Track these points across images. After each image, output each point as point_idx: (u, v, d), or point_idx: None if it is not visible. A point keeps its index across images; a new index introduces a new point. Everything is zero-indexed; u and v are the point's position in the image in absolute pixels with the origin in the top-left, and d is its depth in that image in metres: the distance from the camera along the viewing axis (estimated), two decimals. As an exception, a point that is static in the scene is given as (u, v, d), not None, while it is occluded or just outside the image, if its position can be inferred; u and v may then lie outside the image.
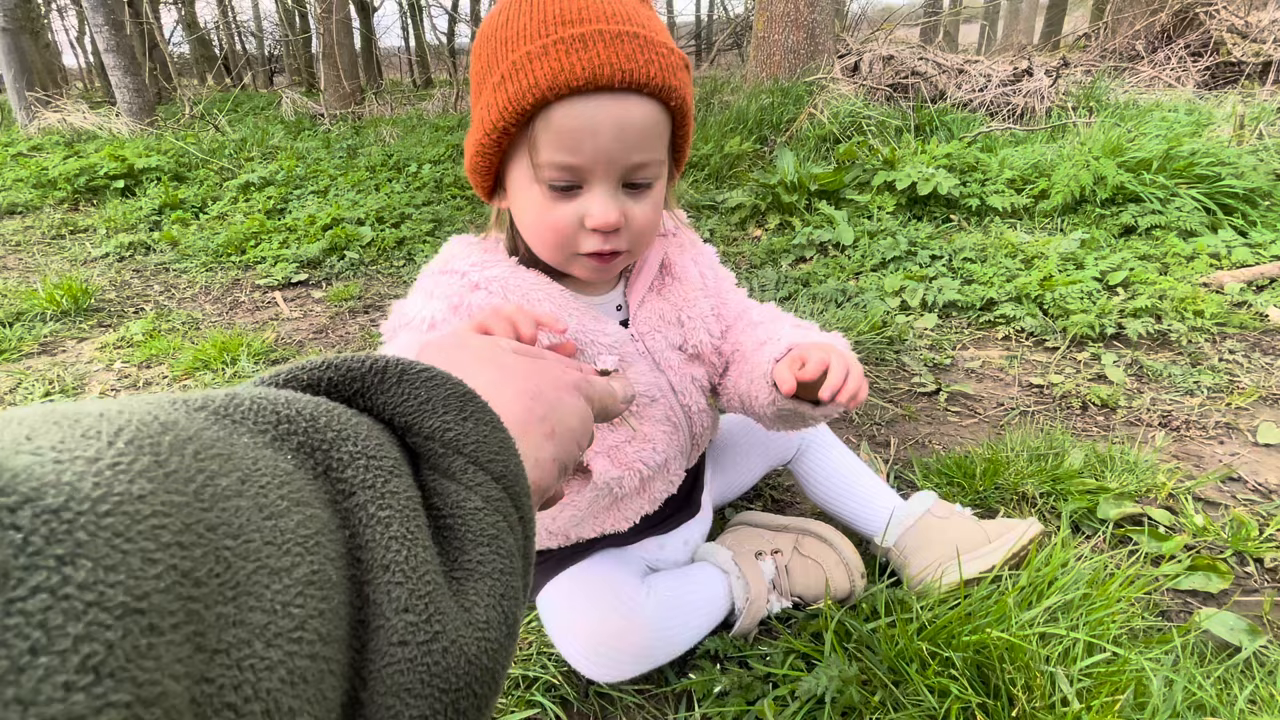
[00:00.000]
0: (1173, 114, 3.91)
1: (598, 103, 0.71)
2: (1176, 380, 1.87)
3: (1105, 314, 2.13)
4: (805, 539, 1.08)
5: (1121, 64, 5.64)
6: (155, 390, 2.01)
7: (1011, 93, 5.09)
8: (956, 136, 4.00)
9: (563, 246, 0.80)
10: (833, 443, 1.22)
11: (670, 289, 0.94)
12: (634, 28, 0.72)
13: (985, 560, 1.03)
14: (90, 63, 17.29)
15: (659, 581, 0.99)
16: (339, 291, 2.83)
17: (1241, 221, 2.76)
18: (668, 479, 0.98)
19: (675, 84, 0.74)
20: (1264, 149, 3.17)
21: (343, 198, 4.02)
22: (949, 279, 2.45)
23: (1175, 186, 2.89)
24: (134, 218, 4.11)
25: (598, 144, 0.72)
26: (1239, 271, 2.42)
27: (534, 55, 0.70)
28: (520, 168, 0.78)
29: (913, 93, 5.14)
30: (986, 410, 1.80)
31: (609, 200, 0.76)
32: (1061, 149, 3.50)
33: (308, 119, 7.47)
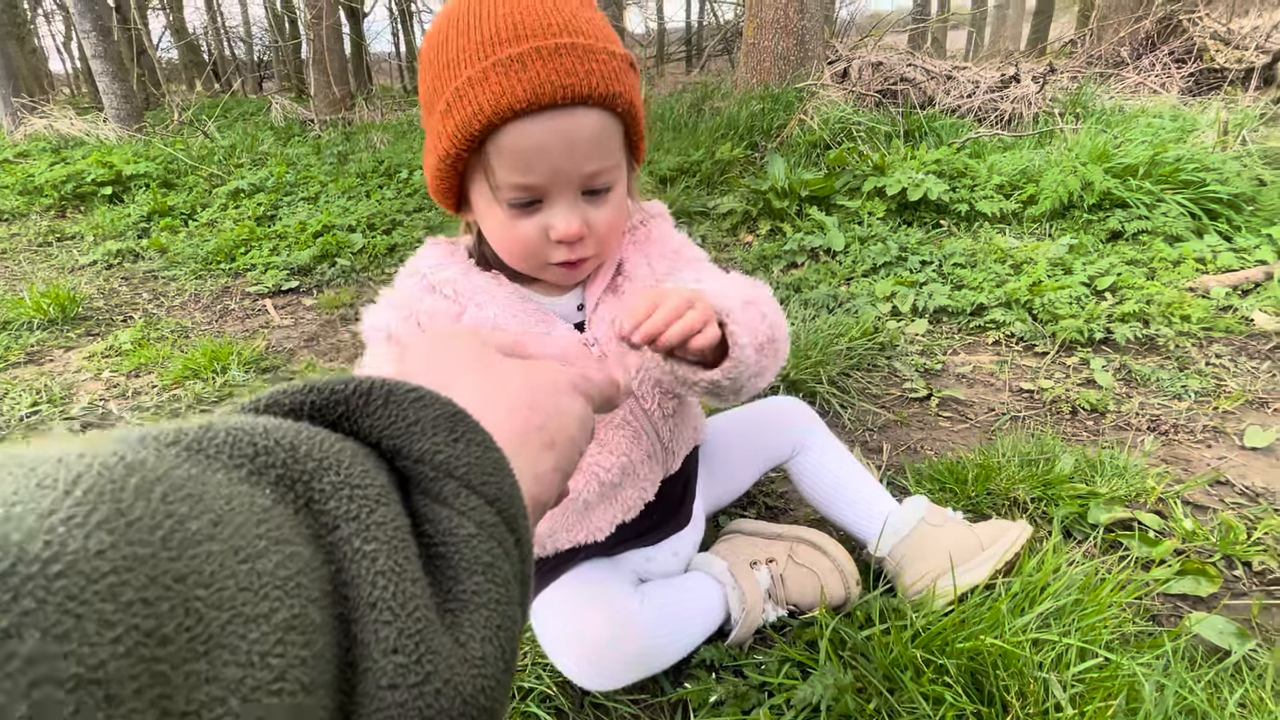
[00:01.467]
0: (1158, 120, 3.96)
1: (544, 121, 0.71)
2: (1164, 385, 1.89)
3: (1094, 319, 2.15)
4: (800, 547, 1.08)
5: (1107, 70, 5.70)
6: (144, 399, 1.99)
7: (999, 99, 5.14)
8: (945, 142, 4.03)
9: (532, 259, 0.82)
10: (830, 444, 1.22)
11: (624, 289, 0.92)
12: (571, 38, 0.71)
13: (979, 571, 1.04)
14: (77, 68, 17.19)
15: (653, 590, 0.99)
16: (330, 299, 2.82)
17: (1226, 226, 2.80)
18: (639, 485, 0.96)
19: (619, 89, 0.74)
20: (1247, 154, 3.21)
21: (333, 204, 4.01)
22: (939, 284, 2.47)
23: (1161, 192, 2.92)
24: (122, 224, 4.08)
25: (550, 161, 0.73)
26: (1224, 276, 2.45)
27: (475, 80, 0.70)
28: (479, 188, 0.79)
29: (902, 99, 5.18)
30: (978, 415, 1.81)
31: (570, 212, 0.77)
32: (1049, 155, 3.54)
33: (298, 125, 7.45)
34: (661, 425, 0.96)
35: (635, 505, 0.97)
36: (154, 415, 1.90)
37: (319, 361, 2.22)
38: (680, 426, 0.99)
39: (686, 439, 1.03)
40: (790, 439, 1.24)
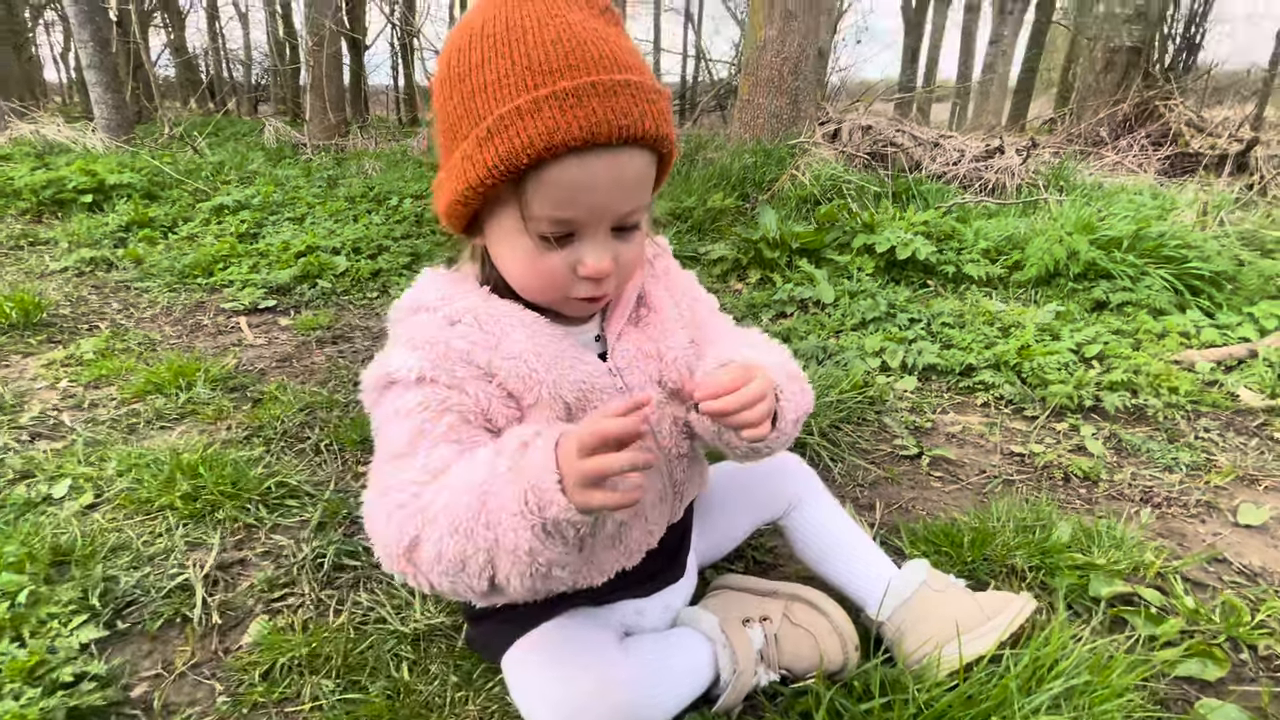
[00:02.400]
0: (1139, 197, 4.07)
1: (594, 159, 0.69)
2: (1155, 456, 1.87)
3: (1083, 385, 2.14)
4: (796, 605, 1.01)
5: (1087, 148, 5.91)
6: (101, 412, 1.88)
7: (983, 168, 5.28)
8: (932, 206, 4.10)
9: (554, 292, 0.80)
10: (826, 501, 1.17)
11: (648, 321, 0.92)
12: (624, 74, 0.70)
13: (983, 640, 0.98)
14: (72, 79, 17.13)
15: (638, 643, 0.92)
16: (307, 320, 2.73)
17: (1208, 303, 2.84)
18: (646, 528, 0.92)
19: (667, 131, 0.74)
20: (1225, 235, 3.30)
21: (319, 226, 3.94)
22: (928, 342, 2.46)
23: (1145, 265, 2.98)
24: (99, 233, 3.97)
25: (594, 199, 0.72)
26: (1208, 351, 2.47)
27: (525, 111, 0.67)
28: (506, 217, 0.75)
29: (890, 162, 5.30)
30: (969, 477, 1.77)
31: (602, 249, 0.76)
32: (1034, 224, 3.61)
33: (289, 148, 7.43)
34: (676, 466, 0.93)
35: (639, 549, 0.92)
36: (109, 430, 1.79)
37: (290, 383, 2.13)
38: (692, 470, 0.96)
39: (694, 485, 0.99)
40: (786, 493, 1.19)
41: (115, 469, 1.52)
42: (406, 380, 0.78)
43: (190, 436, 1.76)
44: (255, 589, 1.22)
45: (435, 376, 0.77)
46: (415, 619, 1.16)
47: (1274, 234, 3.42)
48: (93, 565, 1.22)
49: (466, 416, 0.78)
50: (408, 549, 0.69)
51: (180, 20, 14.36)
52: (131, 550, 1.29)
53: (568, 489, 0.63)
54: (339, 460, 1.70)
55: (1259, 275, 2.91)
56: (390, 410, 0.78)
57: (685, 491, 0.97)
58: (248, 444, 1.73)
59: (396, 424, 0.77)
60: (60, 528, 1.34)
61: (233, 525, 1.39)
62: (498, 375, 0.79)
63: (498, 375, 0.79)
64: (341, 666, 1.05)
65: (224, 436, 1.76)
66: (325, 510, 1.45)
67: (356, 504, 1.50)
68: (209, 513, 1.41)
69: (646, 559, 0.94)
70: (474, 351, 0.79)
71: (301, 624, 1.13)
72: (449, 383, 0.78)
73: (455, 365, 0.78)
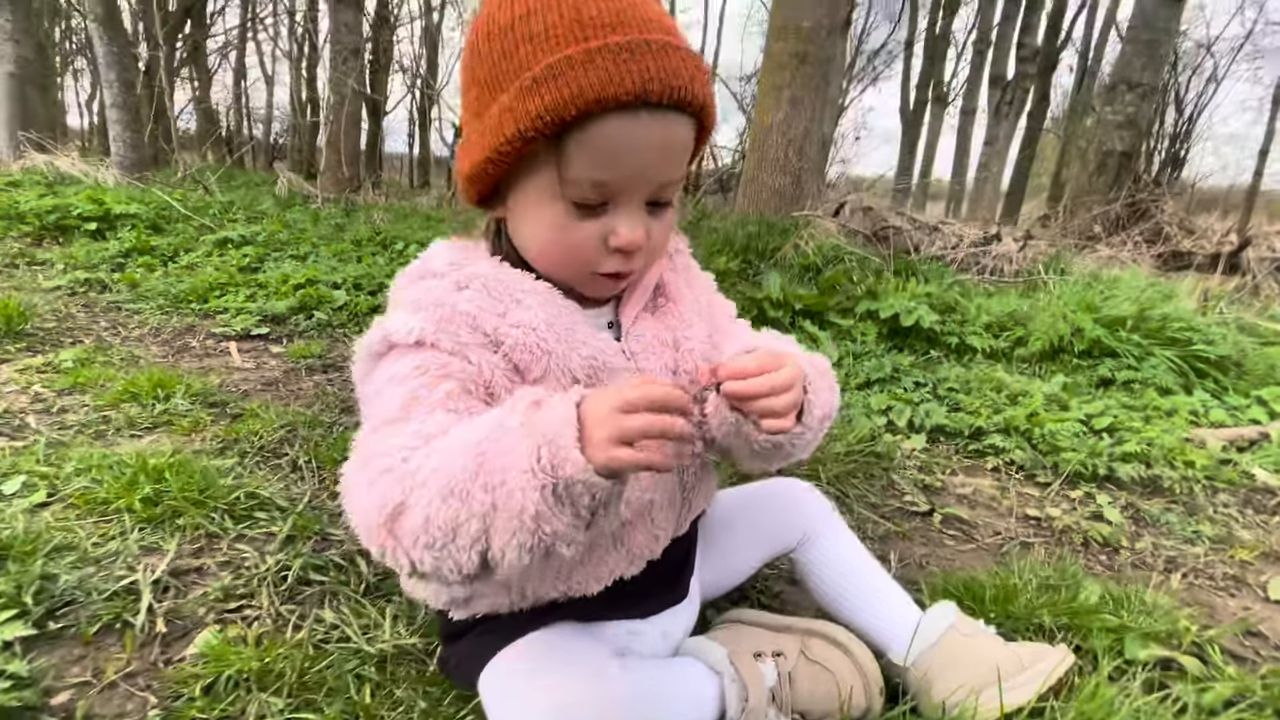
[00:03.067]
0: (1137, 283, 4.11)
1: (643, 119, 0.67)
2: (1175, 528, 1.78)
3: (1096, 454, 2.07)
4: (814, 640, 0.90)
5: (1081, 241, 6.04)
6: (70, 417, 1.78)
7: (981, 253, 5.36)
8: (933, 282, 4.13)
9: (581, 266, 0.75)
10: (844, 533, 1.08)
11: (665, 310, 0.87)
12: (673, 38, 0.68)
13: (1024, 690, 0.87)
14: (94, 124, 17.59)
15: (637, 663, 0.81)
16: (299, 349, 2.66)
17: (1214, 386, 2.81)
18: (651, 531, 0.83)
19: (712, 100, 0.72)
20: (1226, 323, 3.30)
21: (322, 263, 3.93)
22: (935, 404, 2.40)
23: (1149, 346, 2.96)
24: (98, 257, 3.94)
25: (637, 162, 0.69)
26: (1219, 431, 2.41)
27: (577, 61, 0.64)
28: (538, 180, 0.71)
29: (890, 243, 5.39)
30: (984, 537, 1.68)
31: (637, 220, 0.73)
32: (1035, 303, 3.62)
33: (300, 197, 7.53)
34: (688, 467, 0.86)
35: (641, 556, 0.83)
36: (76, 434, 1.69)
37: (274, 403, 2.03)
38: (702, 476, 0.89)
39: (703, 495, 0.91)
40: (800, 523, 1.10)
41: (74, 468, 1.42)
42: (404, 344, 0.71)
43: (161, 444, 1.66)
44: (209, 598, 1.10)
45: (437, 341, 0.71)
46: (383, 639, 1.04)
47: (1273, 326, 3.44)
48: (31, 561, 1.10)
49: (467, 385, 0.71)
50: (390, 517, 0.60)
51: (208, 77, 14.89)
52: (78, 550, 1.17)
53: (589, 448, 0.57)
54: (316, 478, 1.59)
55: (1265, 361, 2.89)
56: (383, 377, 0.71)
57: (694, 499, 0.89)
58: (221, 455, 1.62)
59: (389, 390, 0.69)
60: (3, 523, 1.22)
61: (194, 532, 1.27)
62: (504, 344, 0.73)
63: (504, 344, 0.73)
64: (295, 685, 0.92)
65: (197, 447, 1.66)
66: (296, 524, 1.34)
67: (331, 521, 1.39)
68: (170, 518, 1.29)
69: (646, 573, 0.85)
70: (481, 317, 0.73)
71: (255, 637, 1.01)
72: (451, 348, 0.71)
73: (460, 329, 0.72)
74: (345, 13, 7.82)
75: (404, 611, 1.11)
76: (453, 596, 0.81)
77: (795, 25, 6.00)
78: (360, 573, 1.21)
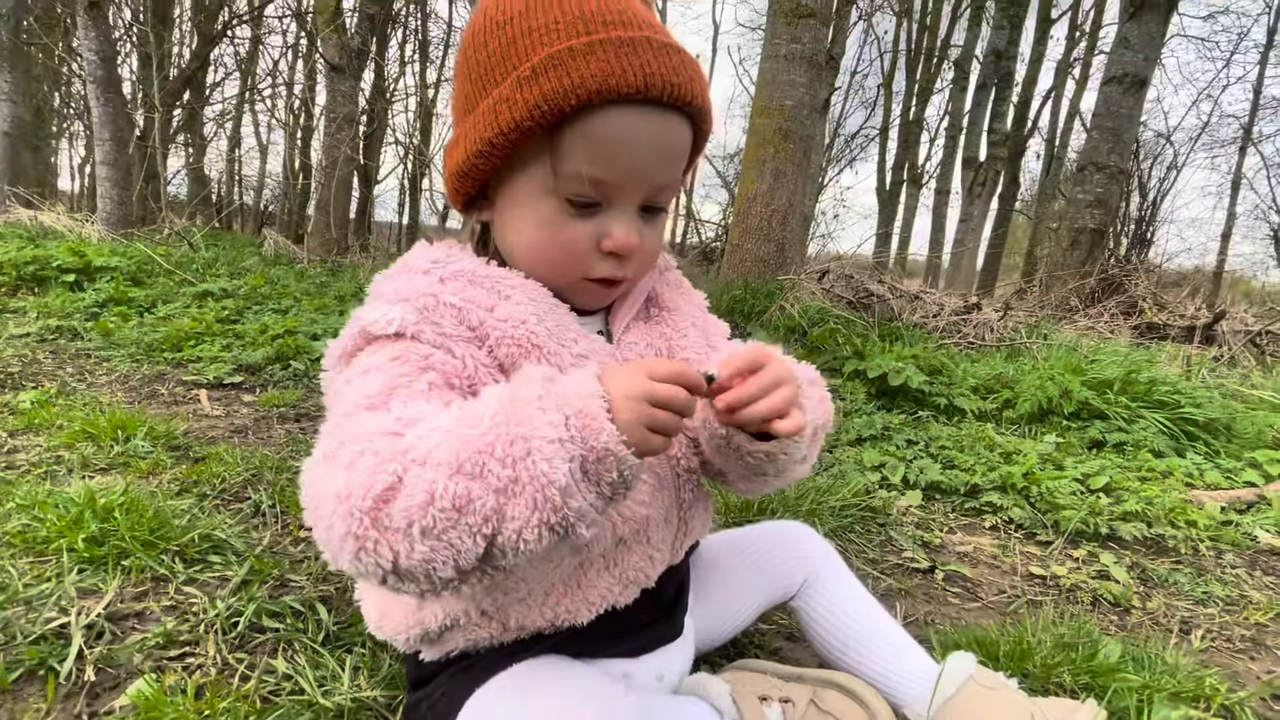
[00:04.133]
0: (1118, 351, 4.15)
1: (642, 115, 0.65)
2: (1185, 588, 1.71)
3: (1096, 512, 2.01)
4: (827, 691, 0.82)
5: (1059, 313, 6.14)
6: (20, 456, 1.66)
7: (962, 322, 5.43)
8: (918, 345, 4.14)
9: (571, 269, 0.72)
10: (847, 577, 1.00)
11: (660, 319, 0.84)
12: (672, 40, 0.68)
13: (1055, 745, 0.78)
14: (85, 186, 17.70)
15: (641, 692, 0.72)
16: (271, 397, 2.56)
17: (1205, 448, 2.78)
18: (647, 551, 0.76)
19: (709, 105, 0.70)
20: (1210, 388, 3.31)
21: (303, 315, 3.86)
22: (929, 461, 2.34)
23: (1138, 409, 2.94)
24: (73, 307, 3.85)
25: (635, 160, 0.66)
26: (1216, 493, 2.37)
27: (578, 52, 0.63)
28: (530, 175, 0.68)
29: (873, 310, 5.45)
30: (988, 595, 1.59)
31: (631, 222, 0.70)
32: (1021, 366, 3.62)
33: (286, 258, 7.53)
34: (684, 484, 0.80)
35: (636, 580, 0.75)
36: (25, 473, 1.57)
37: (240, 448, 1.93)
38: (698, 497, 0.83)
39: (699, 519, 0.84)
40: (801, 566, 1.02)
41: (16, 504, 1.30)
42: (383, 336, 0.65)
43: (114, 484, 1.55)
44: (147, 644, 0.98)
45: (418, 332, 0.65)
46: (341, 692, 0.92)
47: (1256, 392, 3.46)
48: (-50, 601, 0.98)
49: (450, 380, 0.65)
50: (379, 499, 0.52)
51: (202, 144, 15.15)
52: (7, 590, 1.05)
53: (619, 419, 0.54)
54: (280, 523, 1.49)
55: (1253, 425, 2.89)
56: (358, 370, 0.65)
57: (690, 521, 0.83)
58: (179, 497, 1.51)
59: (363, 380, 0.63)
60: (-74, 561, 1.10)
61: (139, 575, 1.16)
62: (490, 339, 0.68)
63: (490, 339, 0.68)
64: (238, 741, 0.81)
65: (153, 488, 1.55)
66: (253, 568, 1.23)
67: (291, 566, 1.28)
68: (114, 559, 1.18)
69: (639, 604, 0.77)
70: (467, 310, 0.68)
71: (195, 688, 0.90)
72: (434, 340, 0.65)
73: (444, 320, 0.67)
74: (343, 83, 8.05)
75: (365, 662, 1.00)
76: (425, 629, 0.71)
77: (779, 105, 6.24)
78: (320, 620, 1.10)
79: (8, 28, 7.56)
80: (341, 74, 7.99)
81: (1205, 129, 18.76)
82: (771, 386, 0.65)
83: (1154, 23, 6.64)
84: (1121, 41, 6.76)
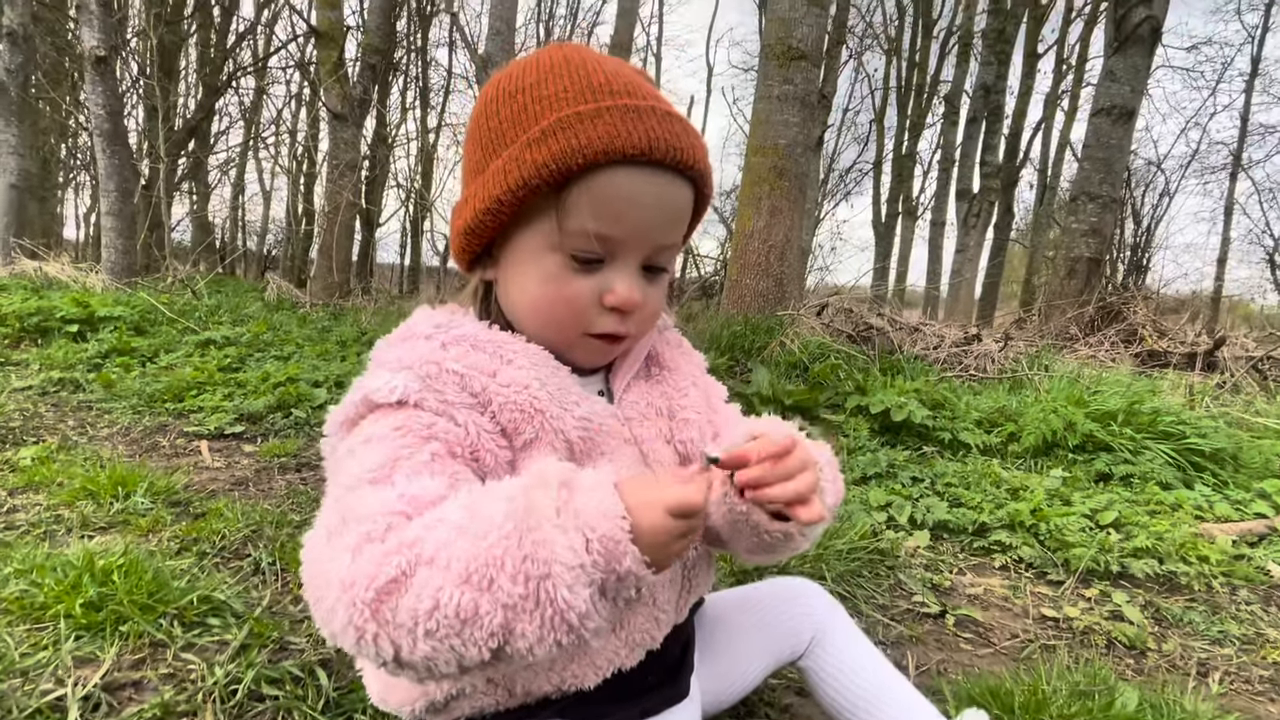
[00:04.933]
0: (1121, 380, 4.14)
1: (646, 176, 0.68)
2: (1200, 627, 1.68)
3: (1107, 550, 1.98)
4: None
5: (1059, 342, 6.15)
6: (20, 516, 1.65)
7: (963, 353, 5.43)
8: (919, 379, 4.14)
9: (573, 324, 0.72)
10: (856, 635, 0.98)
11: (660, 379, 0.85)
12: (676, 110, 0.71)
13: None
14: (90, 235, 17.93)
15: None
16: (272, 447, 2.56)
17: (1213, 480, 2.76)
18: (653, 613, 0.76)
19: (709, 171, 0.73)
20: (1215, 417, 3.30)
21: (305, 362, 3.87)
22: (936, 499, 2.32)
23: (1143, 440, 2.93)
24: (76, 358, 3.86)
25: (639, 217, 0.69)
26: (1227, 526, 2.34)
27: (586, 116, 0.66)
28: (536, 232, 0.70)
29: (873, 344, 5.46)
30: (1001, 640, 1.56)
31: (634, 279, 0.72)
32: (1024, 398, 3.61)
33: (289, 302, 7.58)
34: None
35: (642, 643, 0.75)
36: (24, 534, 1.56)
37: (241, 501, 1.92)
38: (702, 555, 0.83)
39: (702, 577, 0.84)
40: (808, 624, 1.00)
41: (14, 569, 1.29)
42: (386, 405, 0.65)
43: (113, 544, 1.53)
44: (144, 716, 0.97)
45: (421, 400, 0.65)
46: (342, 763, 0.90)
47: (1261, 420, 3.44)
48: (-55, 675, 0.97)
49: (453, 449, 0.65)
50: (382, 592, 0.52)
51: (207, 191, 15.38)
52: (4, 660, 1.04)
53: (641, 541, 0.54)
54: (280, 581, 1.47)
55: (1260, 455, 2.86)
56: (359, 439, 0.64)
57: (694, 580, 0.82)
58: (178, 556, 1.50)
59: (365, 451, 0.62)
60: (-78, 632, 1.09)
61: (137, 641, 1.14)
62: (493, 404, 0.68)
63: (493, 404, 0.68)
64: (235, 821, 0.79)
65: (153, 546, 1.54)
66: (252, 631, 1.21)
67: (291, 627, 1.27)
68: (112, 625, 1.17)
69: (645, 665, 0.76)
70: (469, 376, 0.68)
71: (193, 763, 0.88)
72: (436, 408, 0.66)
73: (446, 388, 0.67)
74: (345, 130, 8.20)
75: (367, 730, 0.98)
76: (431, 700, 0.70)
77: (773, 144, 6.35)
78: (320, 686, 1.08)
79: (16, 84, 7.74)
80: (344, 122, 8.16)
81: (1195, 156, 19.03)
82: (797, 471, 0.66)
83: (1138, 56, 6.78)
84: (1108, 75, 6.90)
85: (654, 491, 0.56)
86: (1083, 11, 15.61)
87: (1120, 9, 6.64)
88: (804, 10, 5.85)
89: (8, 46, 7.63)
